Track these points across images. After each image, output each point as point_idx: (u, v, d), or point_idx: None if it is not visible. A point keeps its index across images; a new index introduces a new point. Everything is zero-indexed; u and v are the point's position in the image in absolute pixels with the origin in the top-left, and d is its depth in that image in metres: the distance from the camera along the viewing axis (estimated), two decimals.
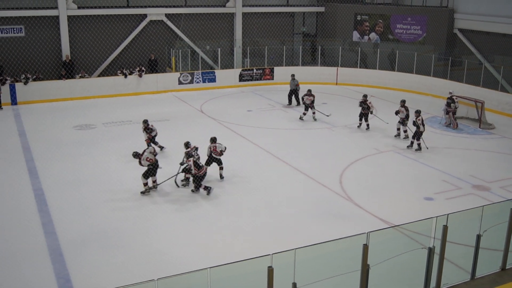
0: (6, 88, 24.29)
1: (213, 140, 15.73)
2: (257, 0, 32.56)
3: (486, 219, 9.54)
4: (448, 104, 22.05)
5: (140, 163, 14.61)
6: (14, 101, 24.56)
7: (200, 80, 28.75)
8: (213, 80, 29.14)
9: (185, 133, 20.31)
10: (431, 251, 8.93)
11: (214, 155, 15.67)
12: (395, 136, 20.31)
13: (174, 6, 29.92)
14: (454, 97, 22.07)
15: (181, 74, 28.36)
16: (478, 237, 9.45)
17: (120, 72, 27.22)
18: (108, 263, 11.21)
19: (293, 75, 25.63)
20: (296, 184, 15.77)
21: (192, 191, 14.82)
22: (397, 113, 20.08)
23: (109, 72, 28.39)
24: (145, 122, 18.13)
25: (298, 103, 25.13)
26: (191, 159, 14.59)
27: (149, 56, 28.91)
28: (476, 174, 16.64)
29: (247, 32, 32.13)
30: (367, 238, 8.16)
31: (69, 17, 26.90)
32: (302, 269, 7.97)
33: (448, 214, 9.05)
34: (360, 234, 8.37)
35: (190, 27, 30.39)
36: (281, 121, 22.55)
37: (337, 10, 33.02)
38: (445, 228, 8.94)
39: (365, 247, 8.17)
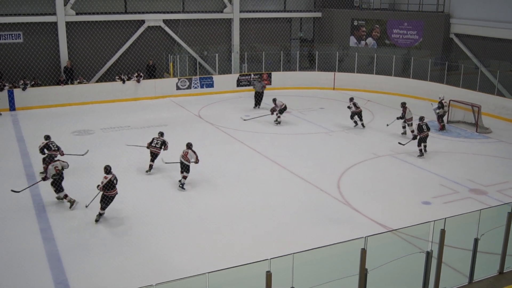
0: (4, 94, 24.34)
1: (188, 145, 15.51)
2: (255, 5, 32.67)
3: (483, 223, 9.59)
4: (438, 108, 22.40)
5: (46, 168, 14.05)
6: (12, 107, 24.59)
7: (198, 86, 28.80)
8: (211, 85, 29.21)
9: (183, 138, 20.31)
10: (429, 255, 8.96)
11: (182, 160, 15.32)
12: (402, 133, 21.33)
13: (172, 12, 30.00)
14: (443, 102, 22.47)
15: (179, 79, 28.42)
16: (476, 240, 9.49)
17: (118, 78, 27.26)
18: (106, 268, 11.22)
19: (259, 78, 26.03)
20: (294, 188, 15.80)
21: (96, 220, 13.31)
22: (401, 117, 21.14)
23: (107, 78, 28.43)
24: (47, 138, 16.28)
25: (259, 106, 25.75)
26: (110, 176, 13.22)
27: (147, 62, 28.97)
28: (473, 178, 16.70)
29: (244, 38, 32.22)
30: (365, 243, 8.20)
31: (67, 23, 26.97)
32: (300, 273, 8.00)
33: (445, 218, 9.09)
34: (358, 238, 8.41)
35: (188, 33, 30.47)
36: (279, 126, 22.59)
37: (334, 15, 33.15)
38: (442, 232, 8.98)
39: (363, 252, 8.21)
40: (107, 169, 13.26)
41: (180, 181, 15.50)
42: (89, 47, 27.93)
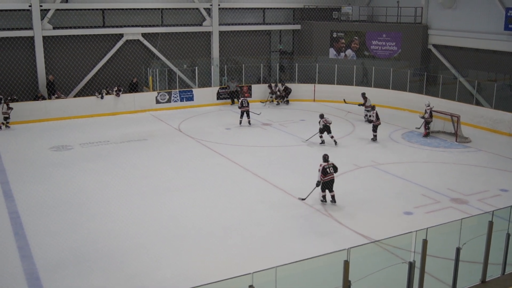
0: None
1: (322, 116, 21.27)
2: (234, 18, 32.73)
3: (465, 232, 9.59)
4: (425, 112, 23.20)
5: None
6: None
7: (177, 99, 28.67)
8: (191, 98, 29.10)
9: (163, 153, 20.23)
10: (411, 265, 8.92)
11: (327, 124, 21.05)
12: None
13: (150, 26, 29.91)
14: (426, 109, 23.09)
15: (158, 93, 28.27)
16: (458, 250, 9.48)
17: (97, 93, 26.88)
18: (86, 287, 10.99)
19: (232, 78, 29.05)
20: (276, 201, 15.70)
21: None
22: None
23: (86, 92, 28.16)
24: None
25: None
26: (324, 164, 15.51)
27: (131, 79, 28.72)
28: (454, 187, 16.78)
29: (224, 51, 32.23)
30: (347, 254, 8.13)
31: (44, 37, 26.69)
32: (284, 287, 7.89)
33: (427, 228, 9.07)
34: (340, 250, 8.34)
35: (167, 46, 30.38)
36: (260, 139, 22.54)
37: (313, 27, 33.35)
38: (424, 242, 8.95)
39: (346, 263, 8.13)
40: (325, 158, 15.49)
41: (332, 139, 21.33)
42: (67, 61, 27.65)
